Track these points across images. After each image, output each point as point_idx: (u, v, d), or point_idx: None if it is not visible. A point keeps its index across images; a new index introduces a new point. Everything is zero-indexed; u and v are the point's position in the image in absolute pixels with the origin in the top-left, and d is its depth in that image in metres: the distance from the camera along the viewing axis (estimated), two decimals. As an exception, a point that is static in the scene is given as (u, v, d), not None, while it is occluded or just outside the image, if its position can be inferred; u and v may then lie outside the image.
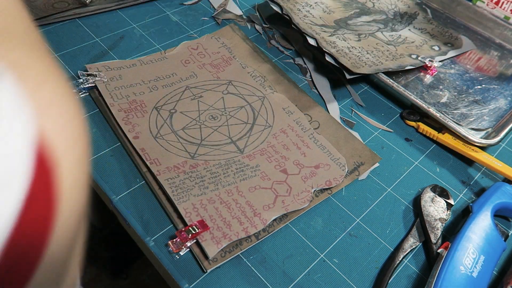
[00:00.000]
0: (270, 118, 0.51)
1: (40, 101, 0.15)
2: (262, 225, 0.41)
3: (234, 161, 0.46)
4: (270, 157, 0.47)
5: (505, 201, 0.44)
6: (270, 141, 0.49)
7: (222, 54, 0.59)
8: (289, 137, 0.49)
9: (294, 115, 0.52)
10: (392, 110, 0.57)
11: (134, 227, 0.41)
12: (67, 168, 0.16)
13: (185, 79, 0.55)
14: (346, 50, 0.59)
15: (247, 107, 0.52)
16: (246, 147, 0.48)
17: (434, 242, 0.42)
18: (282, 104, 0.53)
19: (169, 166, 0.44)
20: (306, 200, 0.43)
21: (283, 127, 0.50)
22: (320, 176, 0.46)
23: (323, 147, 0.49)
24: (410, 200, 0.47)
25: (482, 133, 0.54)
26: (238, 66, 0.57)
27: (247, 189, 0.44)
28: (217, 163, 0.46)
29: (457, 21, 0.74)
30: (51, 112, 0.16)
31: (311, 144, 0.49)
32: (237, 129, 0.50)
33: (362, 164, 0.48)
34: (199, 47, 0.59)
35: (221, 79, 0.55)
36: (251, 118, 0.51)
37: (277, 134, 0.50)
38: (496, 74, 0.64)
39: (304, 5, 0.67)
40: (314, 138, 0.49)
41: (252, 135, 0.49)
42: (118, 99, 0.50)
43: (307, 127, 0.51)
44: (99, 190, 0.45)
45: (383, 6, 0.73)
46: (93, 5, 0.63)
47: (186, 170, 0.44)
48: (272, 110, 0.52)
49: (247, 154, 0.47)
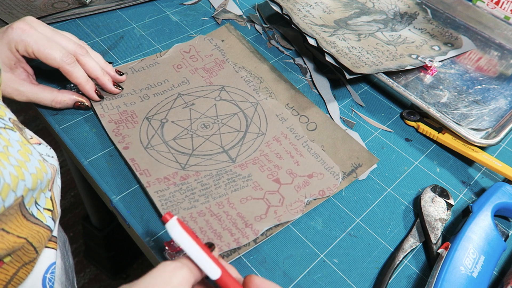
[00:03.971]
0: (263, 126, 0.51)
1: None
2: (254, 235, 0.40)
3: (225, 171, 0.46)
4: (262, 166, 0.46)
5: (505, 201, 0.44)
6: (262, 150, 0.48)
7: (215, 57, 0.58)
8: (282, 145, 0.49)
9: (288, 122, 0.51)
10: (392, 110, 0.57)
11: (134, 227, 0.41)
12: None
13: (177, 85, 0.54)
14: (346, 50, 0.59)
15: (239, 114, 0.51)
16: (238, 156, 0.47)
17: (434, 242, 0.42)
18: (276, 110, 0.52)
19: (159, 178, 0.44)
20: (298, 210, 0.43)
21: (276, 134, 0.50)
22: (314, 185, 0.45)
23: (316, 156, 0.48)
24: (410, 200, 0.47)
25: (482, 133, 0.54)
26: (231, 70, 0.57)
27: (238, 201, 0.43)
28: (208, 173, 0.45)
29: (457, 21, 0.74)
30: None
31: (304, 153, 0.48)
32: (230, 137, 0.49)
33: (359, 166, 0.48)
34: (191, 50, 0.59)
35: (214, 84, 0.55)
36: (244, 126, 0.50)
37: (270, 142, 0.49)
38: (496, 74, 0.64)
39: (304, 5, 0.67)
40: (307, 146, 0.49)
41: (244, 143, 0.49)
42: (109, 109, 0.50)
43: (300, 135, 0.50)
44: (99, 190, 0.45)
45: (383, 6, 0.73)
46: (93, 5, 0.63)
47: (176, 182, 0.44)
48: (266, 117, 0.51)
49: (239, 163, 0.46)
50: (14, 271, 0.31)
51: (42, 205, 0.33)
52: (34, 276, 0.34)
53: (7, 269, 0.31)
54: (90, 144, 0.47)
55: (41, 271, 0.35)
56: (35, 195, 0.32)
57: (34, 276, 0.34)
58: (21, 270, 0.32)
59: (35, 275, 0.34)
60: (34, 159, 0.32)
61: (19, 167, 0.29)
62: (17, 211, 0.29)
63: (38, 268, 0.35)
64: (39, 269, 0.35)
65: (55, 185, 0.37)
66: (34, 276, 0.34)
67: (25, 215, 0.31)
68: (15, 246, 0.29)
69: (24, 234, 0.30)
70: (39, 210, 0.33)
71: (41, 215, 0.33)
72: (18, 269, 0.32)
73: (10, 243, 0.29)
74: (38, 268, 0.35)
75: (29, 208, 0.31)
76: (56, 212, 0.35)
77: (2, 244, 0.28)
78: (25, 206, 0.30)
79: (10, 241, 0.29)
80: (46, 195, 0.34)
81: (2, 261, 0.30)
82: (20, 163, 0.29)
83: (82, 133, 0.48)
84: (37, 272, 0.34)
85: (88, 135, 0.48)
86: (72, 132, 0.48)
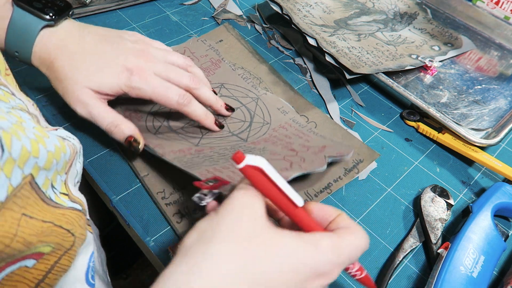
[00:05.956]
0: (266, 117, 0.51)
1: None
2: None
3: (239, 146, 0.45)
4: (275, 142, 0.46)
5: (505, 201, 0.44)
6: (271, 133, 0.48)
7: (210, 57, 0.58)
8: (288, 130, 0.49)
9: (290, 115, 0.51)
10: (392, 110, 0.57)
11: (134, 227, 0.41)
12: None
13: None
14: (346, 50, 0.59)
15: (242, 108, 0.52)
16: (249, 137, 0.47)
17: (434, 242, 0.42)
18: (276, 104, 0.53)
19: (173, 150, 0.43)
20: (322, 163, 0.40)
21: (281, 123, 0.50)
22: (331, 148, 0.44)
23: (323, 137, 0.48)
24: (410, 200, 0.47)
25: (482, 133, 0.54)
26: (228, 68, 0.57)
27: None
28: (223, 147, 0.45)
29: (457, 21, 0.74)
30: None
31: (312, 135, 0.48)
32: (237, 126, 0.49)
33: (361, 162, 0.48)
34: (186, 51, 0.59)
35: (213, 82, 0.55)
36: (248, 117, 0.51)
37: (276, 128, 0.49)
38: (496, 74, 0.64)
39: (304, 5, 0.67)
40: (313, 132, 0.49)
41: (252, 129, 0.49)
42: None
43: (303, 124, 0.50)
44: (99, 190, 0.45)
45: (383, 6, 0.73)
46: (93, 5, 0.63)
47: (192, 152, 0.43)
48: (268, 110, 0.52)
49: (252, 141, 0.47)
50: (56, 259, 0.30)
51: (59, 189, 0.32)
52: (79, 264, 0.33)
53: (48, 259, 0.29)
54: (90, 144, 0.47)
55: (84, 261, 0.34)
56: (51, 176, 0.30)
57: (79, 264, 0.33)
58: (64, 257, 0.31)
59: (80, 263, 0.34)
60: (54, 137, 0.30)
61: (36, 142, 0.27)
62: (32, 193, 0.27)
63: (81, 257, 0.34)
64: (83, 259, 0.34)
65: (73, 168, 0.35)
66: (79, 264, 0.33)
67: (44, 199, 0.29)
68: (44, 232, 0.28)
69: (48, 218, 0.29)
70: (56, 194, 0.31)
71: (59, 199, 0.31)
72: (60, 257, 0.30)
73: (37, 228, 0.27)
74: (82, 258, 0.34)
75: (45, 191, 0.29)
76: (73, 197, 0.34)
77: (29, 230, 0.27)
78: (40, 189, 0.29)
79: (36, 226, 0.27)
80: (62, 178, 0.33)
81: (42, 253, 0.29)
82: (38, 137, 0.28)
83: (82, 133, 0.48)
84: (81, 261, 0.34)
85: (88, 135, 0.48)
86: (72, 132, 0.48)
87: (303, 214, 0.29)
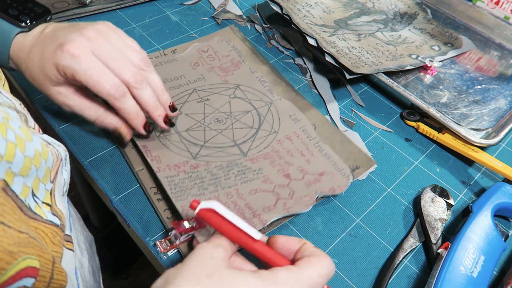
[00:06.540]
0: (276, 124, 0.51)
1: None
2: (261, 225, 0.40)
3: (236, 163, 0.46)
4: (273, 161, 0.47)
5: (505, 201, 0.44)
6: (274, 147, 0.48)
7: (231, 58, 0.59)
8: (294, 144, 0.49)
9: (301, 123, 0.51)
10: (392, 110, 0.57)
11: (134, 227, 0.41)
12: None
13: (193, 81, 0.54)
14: (346, 50, 0.59)
15: (253, 112, 0.52)
16: (249, 150, 0.47)
17: (434, 242, 0.42)
18: (289, 111, 0.52)
19: (169, 165, 0.44)
20: (308, 204, 0.43)
21: (288, 133, 0.50)
22: (324, 183, 0.45)
23: (328, 156, 0.48)
24: (410, 200, 0.47)
25: (482, 133, 0.54)
26: (247, 70, 0.57)
27: (247, 192, 0.43)
28: (218, 164, 0.45)
29: (457, 21, 0.74)
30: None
31: (316, 152, 0.48)
32: (242, 132, 0.49)
33: (357, 168, 0.48)
34: (209, 50, 0.59)
35: (229, 82, 0.55)
36: (257, 123, 0.51)
37: (282, 140, 0.49)
38: (496, 74, 0.64)
39: (304, 5, 0.67)
40: (319, 147, 0.49)
41: (256, 139, 0.49)
42: None
43: (313, 136, 0.50)
44: (99, 190, 0.45)
45: (383, 6, 0.73)
46: (93, 5, 0.63)
47: (186, 170, 0.44)
48: (279, 117, 0.52)
49: (250, 157, 0.47)
50: (49, 274, 0.29)
51: (41, 198, 0.31)
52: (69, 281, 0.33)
53: (44, 275, 0.29)
54: (90, 144, 0.47)
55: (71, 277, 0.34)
56: (31, 184, 0.29)
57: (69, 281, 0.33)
58: (55, 273, 0.30)
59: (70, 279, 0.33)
60: (37, 141, 0.29)
61: (14, 145, 0.26)
62: (7, 200, 0.26)
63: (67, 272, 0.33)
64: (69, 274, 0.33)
65: (59, 177, 0.34)
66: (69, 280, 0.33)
67: (21, 207, 0.28)
68: (21, 242, 0.27)
69: (24, 228, 0.27)
70: (37, 204, 0.30)
71: (40, 209, 0.30)
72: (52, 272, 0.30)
73: (15, 238, 0.26)
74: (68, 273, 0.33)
75: (24, 199, 0.28)
76: (56, 209, 0.33)
77: (7, 240, 0.26)
78: (18, 197, 0.27)
79: (13, 236, 0.26)
80: (46, 187, 0.31)
81: (35, 268, 0.28)
82: (19, 140, 0.26)
83: (82, 133, 0.48)
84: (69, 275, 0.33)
85: (88, 135, 0.48)
86: (72, 132, 0.48)
87: (262, 248, 0.31)
